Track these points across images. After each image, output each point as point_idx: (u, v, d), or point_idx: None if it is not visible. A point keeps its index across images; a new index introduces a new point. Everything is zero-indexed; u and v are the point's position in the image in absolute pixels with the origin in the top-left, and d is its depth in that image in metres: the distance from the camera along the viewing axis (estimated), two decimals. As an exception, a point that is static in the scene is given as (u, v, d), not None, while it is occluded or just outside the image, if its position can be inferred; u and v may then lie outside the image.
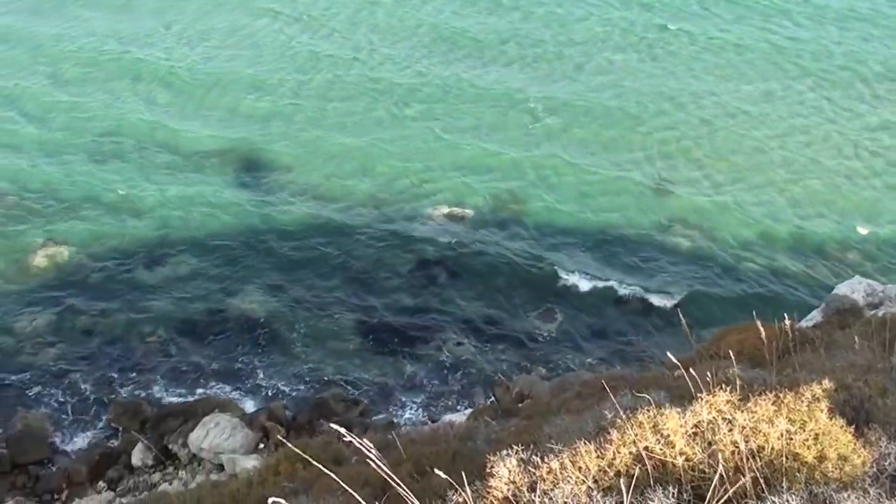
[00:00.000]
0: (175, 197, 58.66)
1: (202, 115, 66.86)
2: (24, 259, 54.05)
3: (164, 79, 71.26)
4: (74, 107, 67.65)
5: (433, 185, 60.26)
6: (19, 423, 44.05)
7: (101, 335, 49.22)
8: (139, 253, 54.46)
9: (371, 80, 70.92)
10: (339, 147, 63.37)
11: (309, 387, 46.36)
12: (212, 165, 61.65)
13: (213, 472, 39.05)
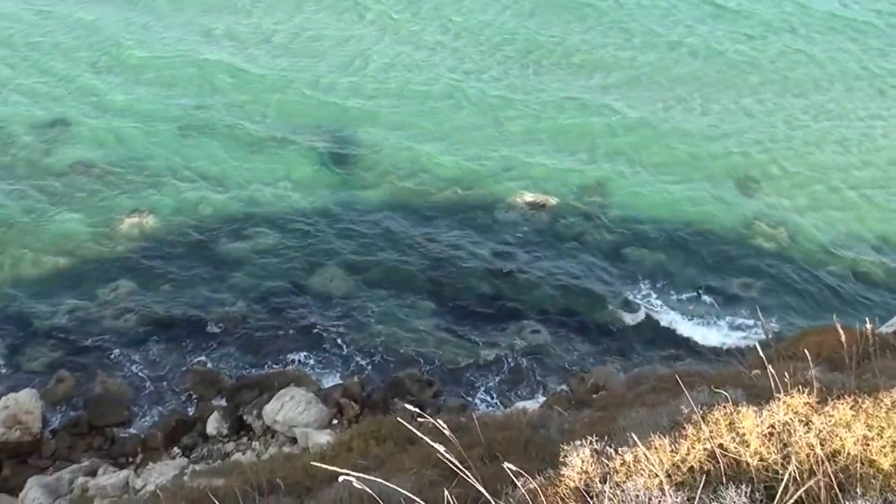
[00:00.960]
0: (260, 173, 59.11)
1: (288, 96, 67.20)
2: (110, 227, 54.76)
3: (252, 59, 71.79)
4: (163, 81, 68.36)
5: (516, 171, 60.17)
6: (99, 386, 44.74)
7: (182, 305, 49.78)
8: (223, 226, 54.95)
9: (453, 73, 71.07)
10: (422, 132, 63.51)
11: (384, 366, 46.60)
12: (297, 143, 61.96)
13: (285, 445, 39.43)
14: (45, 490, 37.83)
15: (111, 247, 53.34)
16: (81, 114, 64.62)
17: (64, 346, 47.54)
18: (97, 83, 68.34)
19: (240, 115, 64.55)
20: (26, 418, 41.64)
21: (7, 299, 49.87)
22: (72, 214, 55.41)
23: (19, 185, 57.75)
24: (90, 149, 61.11)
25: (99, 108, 65.47)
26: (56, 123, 63.74)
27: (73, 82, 68.35)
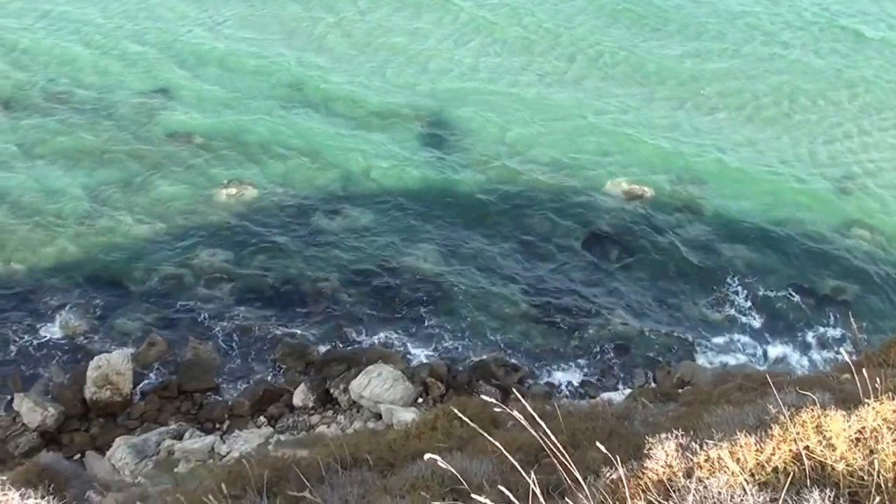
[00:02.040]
0: (358, 150, 59.35)
1: (388, 77, 67.44)
2: (208, 196, 55.41)
3: (354, 39, 72.12)
4: (264, 56, 68.90)
5: (614, 159, 59.91)
6: (190, 351, 45.35)
7: (275, 276, 50.24)
8: (320, 201, 55.30)
9: (550, 61, 70.89)
10: (518, 117, 63.40)
11: (471, 348, 46.68)
12: (397, 123, 62.14)
13: (370, 421, 39.70)
14: (132, 450, 38.44)
15: (208, 215, 53.96)
16: (183, 83, 65.41)
17: (157, 310, 48.23)
18: (200, 54, 69.07)
19: (339, 94, 64.84)
20: (117, 379, 42.35)
21: (104, 262, 50.67)
22: (170, 182, 56.14)
23: (120, 151, 58.58)
24: (191, 118, 61.81)
25: (201, 78, 66.18)
26: (158, 92, 64.57)
27: (175, 52, 69.16)
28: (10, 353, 45.59)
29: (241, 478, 15.28)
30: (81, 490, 23.96)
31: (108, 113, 62.35)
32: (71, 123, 61.19)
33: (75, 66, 67.38)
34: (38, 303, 48.22)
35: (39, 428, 40.78)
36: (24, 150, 58.65)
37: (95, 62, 67.79)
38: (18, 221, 53.17)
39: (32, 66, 67.06)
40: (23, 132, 60.33)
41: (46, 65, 67.44)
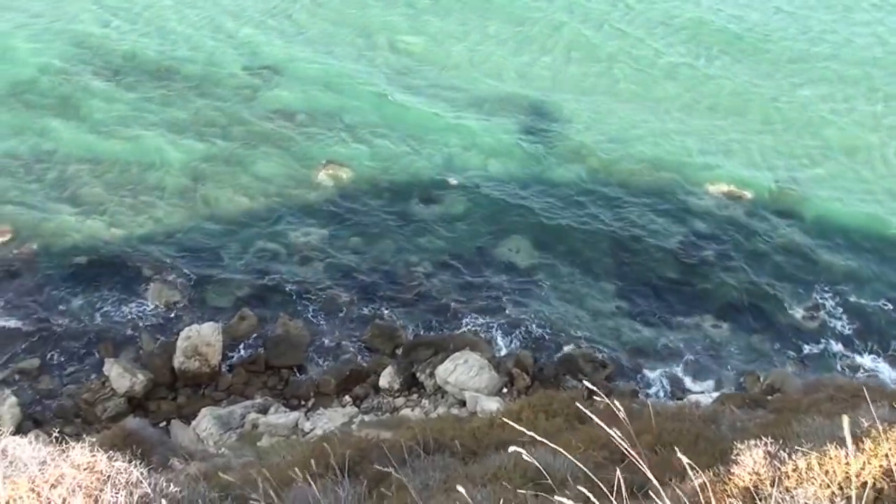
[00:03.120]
0: (457, 137, 59.35)
1: (492, 63, 67.36)
2: (306, 176, 55.72)
3: (460, 24, 72.12)
4: (368, 38, 69.15)
5: (715, 159, 59.33)
6: (280, 327, 45.60)
7: (368, 257, 50.41)
8: (416, 185, 55.40)
9: (658, 57, 70.39)
10: (620, 112, 63.00)
11: (559, 341, 46.43)
12: (497, 111, 62.07)
13: (453, 407, 39.70)
14: (218, 421, 38.81)
15: (306, 194, 54.28)
16: (288, 62, 65.91)
17: (250, 284, 48.62)
18: (305, 33, 69.54)
19: (441, 80, 64.88)
20: (206, 350, 42.74)
21: (201, 233, 51.18)
22: (270, 159, 56.57)
23: (223, 126, 59.16)
24: (294, 97, 62.24)
25: (305, 58, 66.58)
26: (263, 69, 65.10)
27: (280, 30, 69.73)
28: (103, 319, 46.25)
29: (325, 455, 15.30)
30: (165, 457, 24.22)
31: (213, 88, 63.02)
32: (176, 96, 61.94)
33: (184, 40, 68.17)
34: (134, 270, 48.85)
35: (127, 394, 41.31)
36: (130, 119, 59.46)
37: (204, 37, 68.52)
38: (119, 189, 53.92)
39: (142, 38, 67.96)
40: (129, 102, 61.17)
41: (155, 37, 68.30)
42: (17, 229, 50.85)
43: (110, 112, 60.19)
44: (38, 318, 46.09)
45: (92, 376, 43.20)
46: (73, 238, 50.58)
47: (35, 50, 66.11)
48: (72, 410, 41.52)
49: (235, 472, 18.09)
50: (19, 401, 40.83)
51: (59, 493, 9.09)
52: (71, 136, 57.76)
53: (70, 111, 60.17)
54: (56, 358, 44.39)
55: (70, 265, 48.98)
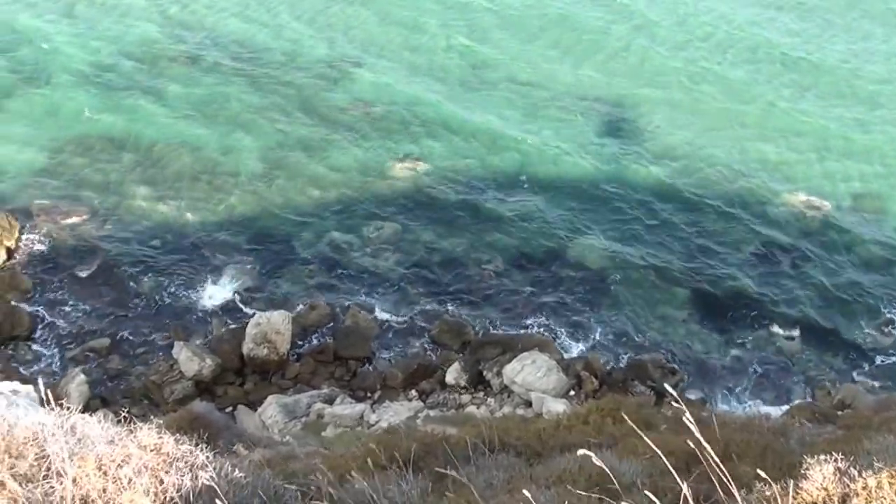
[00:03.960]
0: (535, 135, 59.29)
1: (574, 63, 67.16)
2: (382, 169, 55.93)
3: (541, 23, 71.93)
4: (449, 34, 69.16)
5: (793, 170, 58.71)
6: (349, 318, 45.77)
7: (440, 253, 50.41)
8: (492, 182, 55.35)
9: (744, 65, 69.78)
10: (702, 120, 62.50)
11: (629, 346, 46.14)
12: (576, 111, 61.89)
13: (519, 407, 39.53)
14: (283, 409, 38.97)
15: (380, 187, 54.44)
16: (368, 54, 66.13)
17: (322, 274, 48.82)
18: (388, 29, 69.80)
19: (522, 78, 64.77)
20: (276, 338, 42.94)
21: (274, 223, 51.49)
22: (346, 151, 56.81)
23: (301, 115, 59.56)
24: (373, 90, 62.53)
25: (385, 52, 66.76)
26: (342, 61, 65.36)
27: (361, 21, 70.01)
28: (174, 302, 46.70)
29: (389, 448, 15.27)
30: (230, 442, 24.29)
31: (293, 77, 63.42)
32: (255, 83, 62.42)
33: (265, 28, 68.63)
34: (207, 256, 49.27)
35: (195, 377, 41.65)
36: (207, 105, 60.03)
37: (285, 27, 68.92)
38: (195, 174, 54.42)
39: (223, 24, 68.43)
40: (208, 88, 61.76)
41: (237, 24, 68.81)
42: (93, 210, 51.49)
43: (188, 97, 60.85)
44: (111, 299, 46.63)
45: (161, 358, 43.61)
46: (148, 220, 51.16)
47: (116, 32, 66.87)
48: (139, 391, 41.98)
49: (300, 460, 18.11)
50: (88, 379, 41.32)
51: (125, 473, 9.11)
52: (149, 119, 58.43)
53: (149, 94, 60.87)
54: (126, 338, 44.88)
55: (144, 247, 49.50)
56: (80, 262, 48.40)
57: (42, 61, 63.61)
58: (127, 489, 8.95)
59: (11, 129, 56.98)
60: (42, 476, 9.21)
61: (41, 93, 60.51)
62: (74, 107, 59.28)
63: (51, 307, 46.09)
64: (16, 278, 46.71)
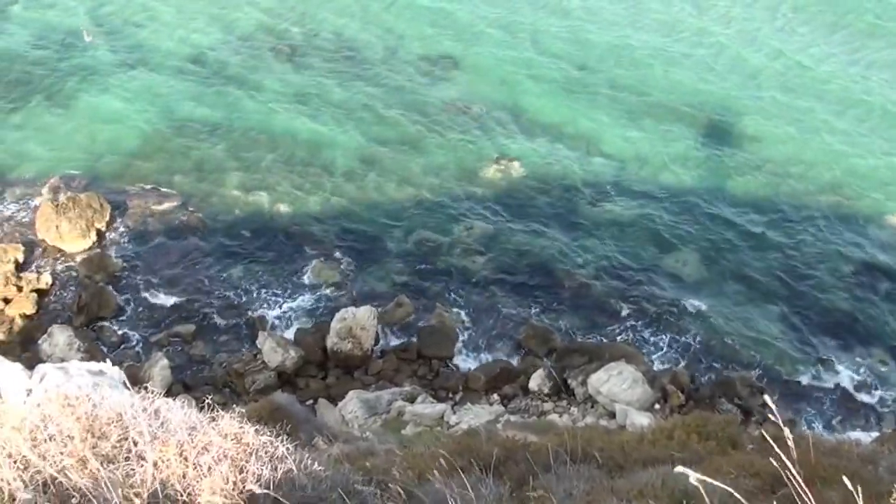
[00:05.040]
0: (635, 142, 58.78)
1: (678, 70, 66.56)
2: (476, 169, 55.74)
3: (647, 31, 71.43)
4: (556, 38, 68.91)
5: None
6: (435, 318, 45.72)
7: (530, 256, 50.11)
8: (586, 188, 54.93)
9: (860, 79, 68.60)
10: (806, 134, 61.50)
11: (717, 362, 45.51)
12: (678, 120, 61.23)
13: (602, 418, 39.17)
14: (364, 405, 38.95)
15: (474, 187, 54.28)
16: (467, 53, 65.98)
17: (409, 272, 48.80)
18: (485, 25, 69.67)
19: (624, 83, 64.32)
20: (360, 333, 43.01)
21: (366, 217, 51.56)
22: (441, 149, 56.73)
23: (397, 112, 59.57)
24: (471, 89, 62.43)
25: (485, 51, 66.62)
26: (442, 59, 65.33)
27: (462, 20, 69.98)
28: (261, 292, 46.93)
29: (469, 451, 15.13)
30: (310, 435, 24.30)
31: (391, 73, 63.50)
32: (352, 78, 62.62)
33: (364, 23, 68.82)
34: (296, 247, 49.51)
35: (278, 368, 41.88)
36: (305, 97, 60.34)
37: (384, 23, 69.04)
38: (289, 165, 54.67)
39: (322, 19, 68.76)
40: (306, 80, 62.08)
41: (336, 20, 69.02)
42: (185, 196, 51.97)
43: (287, 89, 61.17)
44: (198, 286, 47.06)
45: (245, 347, 43.90)
46: (239, 209, 51.51)
47: (219, 22, 67.47)
48: (221, 379, 42.30)
49: (379, 457, 18.02)
50: (171, 364, 41.70)
51: (205, 460, 9.07)
52: (245, 109, 58.87)
53: (246, 85, 61.32)
54: (211, 326, 45.29)
55: (234, 236, 49.85)
56: (169, 247, 48.91)
57: (143, 46, 64.33)
58: (207, 476, 8.91)
59: (109, 112, 57.68)
60: (123, 458, 9.20)
61: (140, 77, 61.21)
62: (172, 93, 59.87)
63: (138, 290, 46.61)
64: (105, 260, 47.27)
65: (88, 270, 46.62)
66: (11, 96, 58.40)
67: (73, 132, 55.87)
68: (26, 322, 43.78)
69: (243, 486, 8.96)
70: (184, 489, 8.88)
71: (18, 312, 43.95)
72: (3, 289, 44.71)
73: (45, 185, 51.50)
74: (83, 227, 47.73)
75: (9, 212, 50.00)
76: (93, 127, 56.47)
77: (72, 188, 51.26)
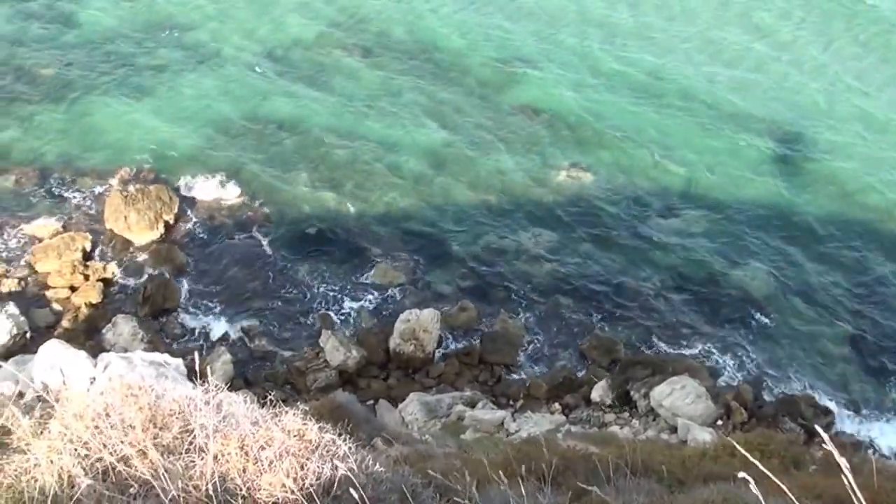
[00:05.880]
0: (706, 153, 58.16)
1: (754, 81, 65.96)
2: (545, 176, 55.43)
3: (719, 41, 70.89)
4: (625, 45, 68.63)
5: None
6: (498, 324, 45.61)
7: (597, 266, 49.74)
8: (656, 198, 54.50)
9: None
10: (885, 148, 60.70)
11: (783, 380, 44.88)
12: (750, 131, 60.51)
13: (663, 432, 38.86)
14: (424, 407, 38.95)
15: (542, 194, 54.06)
16: (541, 59, 65.81)
17: (474, 277, 48.71)
18: (568, 33, 69.43)
19: (697, 94, 63.84)
20: (423, 336, 43.03)
21: (433, 220, 51.55)
22: (510, 154, 56.57)
23: (468, 115, 59.50)
24: (542, 95, 62.14)
25: (558, 58, 66.40)
26: (515, 62, 65.21)
27: (534, 26, 69.75)
28: (325, 290, 47.11)
29: (529, 459, 15.05)
30: (370, 435, 24.32)
31: (462, 76, 63.50)
32: (424, 80, 62.63)
33: (438, 26, 68.80)
34: (362, 247, 49.60)
35: (339, 367, 41.98)
36: (375, 98, 60.49)
37: (458, 26, 69.02)
38: (357, 165, 54.83)
39: (394, 21, 68.90)
40: (377, 81, 62.23)
41: (409, 21, 69.15)
42: (252, 191, 52.27)
43: (357, 89, 61.30)
44: (263, 282, 47.32)
45: (307, 345, 44.02)
46: (305, 207, 51.71)
47: (292, 19, 67.84)
48: (283, 376, 42.46)
49: (438, 460, 17.97)
50: (233, 358, 41.95)
51: (266, 455, 9.06)
52: (316, 106, 59.05)
53: (318, 83, 61.53)
54: (275, 322, 45.46)
55: (300, 233, 50.04)
56: (235, 241, 49.20)
57: (216, 41, 64.84)
58: (267, 472, 8.91)
59: (180, 106, 58.18)
60: (184, 449, 9.22)
61: (213, 72, 61.64)
62: (243, 89, 60.26)
63: (203, 283, 46.94)
64: (171, 252, 47.64)
65: (155, 262, 47.02)
66: (87, 86, 59.00)
67: (144, 124, 56.36)
68: (91, 311, 44.19)
69: (304, 483, 8.95)
70: (243, 483, 8.88)
71: (84, 301, 44.40)
72: (69, 277, 45.20)
73: (115, 176, 52.02)
74: (151, 219, 48.09)
75: (78, 200, 50.51)
76: (164, 119, 56.97)
77: (141, 179, 51.73)
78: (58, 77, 59.79)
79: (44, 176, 52.00)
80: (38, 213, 49.35)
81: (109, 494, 8.86)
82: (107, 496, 8.84)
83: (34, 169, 52.38)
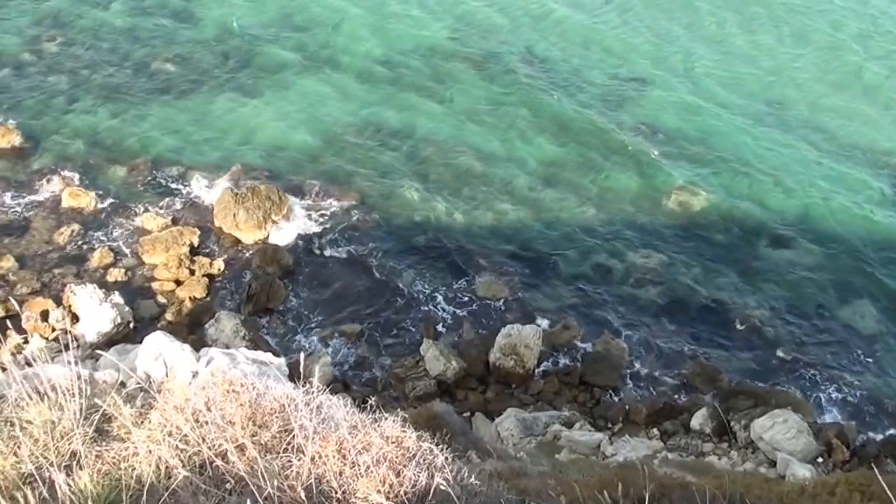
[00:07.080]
0: (824, 183, 57.08)
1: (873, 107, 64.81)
2: (657, 197, 54.95)
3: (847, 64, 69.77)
4: (746, 66, 67.88)
5: None
6: (601, 345, 45.24)
7: (704, 292, 48.88)
8: (770, 226, 53.40)
9: None
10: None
11: (888, 421, 43.92)
12: (872, 165, 59.40)
13: (762, 465, 38.26)
14: (521, 424, 38.78)
15: (652, 215, 53.60)
16: (660, 79, 65.34)
17: (579, 295, 48.44)
18: (683, 52, 68.97)
19: (823, 125, 62.59)
20: (524, 352, 42.86)
21: (540, 235, 51.42)
22: (622, 173, 56.18)
23: (581, 132, 59.08)
24: (658, 114, 61.72)
25: (678, 78, 65.88)
26: (632, 81, 64.89)
27: (657, 46, 69.33)
28: (429, 299, 47.17)
29: (625, 484, 14.84)
30: (465, 448, 24.26)
31: (577, 92, 63.34)
32: (538, 94, 62.47)
33: (563, 41, 68.75)
34: (468, 259, 49.61)
35: (438, 377, 42.00)
36: (489, 111, 60.54)
37: (576, 40, 68.94)
38: (467, 177, 54.98)
39: (513, 34, 68.98)
40: (491, 94, 62.27)
41: (527, 35, 69.16)
42: (363, 197, 52.61)
43: (471, 100, 61.42)
44: (367, 287, 47.63)
45: (408, 353, 44.09)
46: (415, 215, 51.89)
47: (408, 27, 68.23)
48: (381, 382, 42.66)
49: (532, 478, 17.84)
50: (333, 361, 42.24)
51: (364, 460, 9.02)
52: (429, 116, 59.32)
53: (432, 92, 61.78)
54: (377, 328, 45.63)
55: (407, 241, 50.25)
56: (342, 245, 49.50)
57: (332, 47, 65.45)
58: (364, 476, 8.87)
59: (293, 108, 58.82)
60: (282, 449, 9.23)
61: (327, 77, 62.22)
62: (357, 95, 60.75)
63: (308, 285, 47.35)
64: (278, 252, 48.07)
65: (261, 261, 47.46)
66: (202, 85, 59.98)
67: (257, 123, 57.18)
68: (195, 305, 44.88)
69: (399, 490, 8.90)
70: (339, 486, 8.85)
71: (189, 295, 45.09)
72: (176, 270, 45.91)
73: (226, 173, 52.71)
74: (260, 218, 48.59)
75: (189, 195, 51.33)
76: (278, 120, 57.69)
77: (252, 178, 52.28)
78: (174, 72, 60.98)
79: (155, 169, 53.03)
80: (147, 206, 50.19)
81: (205, 488, 8.89)
82: (202, 489, 8.86)
83: (146, 161, 53.42)
